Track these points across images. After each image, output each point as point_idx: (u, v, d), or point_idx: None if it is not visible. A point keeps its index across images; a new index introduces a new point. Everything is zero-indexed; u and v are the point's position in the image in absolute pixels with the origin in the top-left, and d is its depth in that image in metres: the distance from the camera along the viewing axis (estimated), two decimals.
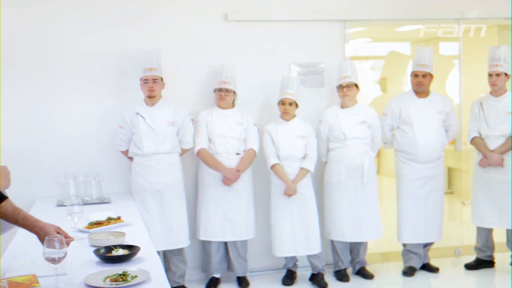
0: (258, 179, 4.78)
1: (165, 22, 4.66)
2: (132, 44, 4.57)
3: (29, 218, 2.30)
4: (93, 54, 4.54)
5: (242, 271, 4.66)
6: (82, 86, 4.53)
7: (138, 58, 4.42)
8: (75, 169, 4.41)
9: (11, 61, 4.37)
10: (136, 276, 2.26)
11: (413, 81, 4.80)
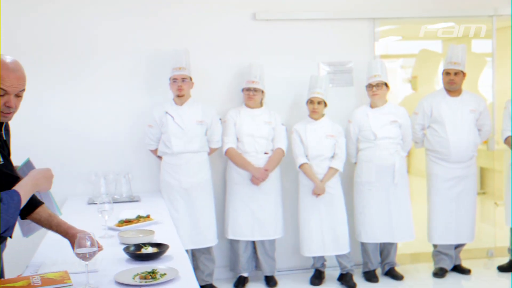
0: (286, 178, 4.77)
1: (194, 22, 4.68)
2: (162, 44, 4.61)
3: (62, 225, 2.36)
4: (124, 54, 4.59)
5: (270, 270, 4.65)
6: (113, 86, 4.59)
7: (167, 58, 4.46)
8: (106, 167, 4.48)
9: (44, 62, 4.45)
10: (165, 274, 2.28)
11: (445, 80, 4.72)
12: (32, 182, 2.06)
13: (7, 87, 2.17)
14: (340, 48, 4.94)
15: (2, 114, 2.26)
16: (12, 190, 1.90)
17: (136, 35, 4.61)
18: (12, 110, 2.25)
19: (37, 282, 2.10)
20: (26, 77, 2.26)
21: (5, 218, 1.78)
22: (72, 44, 4.51)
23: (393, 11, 5.02)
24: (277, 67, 4.80)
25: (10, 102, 2.20)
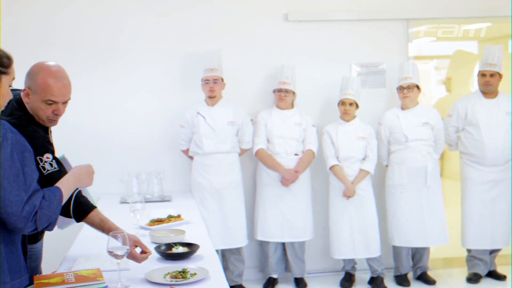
0: (316, 180, 4.75)
1: (226, 23, 4.70)
2: (194, 44, 4.64)
3: (114, 230, 2.39)
4: (157, 55, 4.64)
5: (299, 272, 4.64)
6: (146, 86, 4.65)
7: (200, 59, 4.49)
8: (138, 167, 4.53)
9: (78, 62, 4.53)
10: (195, 273, 2.29)
11: (480, 81, 4.62)
12: (74, 178, 2.11)
13: (56, 97, 2.27)
14: (372, 49, 4.89)
15: (49, 120, 2.34)
16: (54, 187, 1.95)
17: (169, 36, 4.65)
18: (58, 118, 2.35)
19: (70, 279, 2.14)
20: (71, 84, 2.35)
21: (48, 214, 1.83)
22: (106, 45, 4.59)
23: (428, 11, 4.94)
24: (309, 68, 4.78)
25: (59, 110, 2.31)
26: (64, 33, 4.53)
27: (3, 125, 1.80)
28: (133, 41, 4.61)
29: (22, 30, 4.45)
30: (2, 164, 1.74)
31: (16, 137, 1.81)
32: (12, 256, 1.84)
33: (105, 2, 4.59)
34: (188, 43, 4.66)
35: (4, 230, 1.82)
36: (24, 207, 1.76)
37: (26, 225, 1.78)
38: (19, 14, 4.46)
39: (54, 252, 3.35)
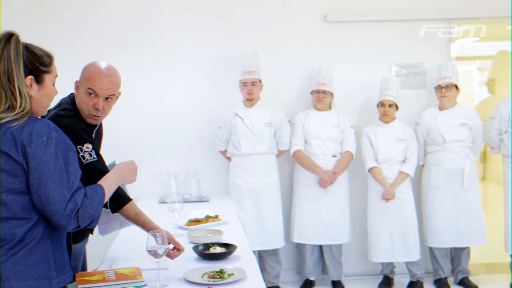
0: (354, 182, 4.71)
1: (264, 24, 4.71)
2: (232, 45, 4.66)
3: (148, 225, 2.43)
4: (196, 56, 4.68)
5: (336, 275, 4.60)
6: (184, 87, 4.69)
7: (238, 59, 4.51)
8: (177, 167, 4.58)
9: (115, 62, 4.59)
10: (232, 274, 2.30)
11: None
12: (117, 175, 2.14)
13: (97, 89, 2.32)
14: (413, 50, 4.81)
15: (91, 116, 2.39)
16: (97, 185, 1.98)
17: (207, 37, 4.68)
18: (100, 114, 2.39)
19: (111, 277, 2.18)
20: (119, 83, 2.40)
21: (89, 211, 1.87)
22: (145, 46, 4.65)
23: (471, 11, 4.83)
24: (347, 69, 4.75)
25: (99, 105, 2.35)
26: (102, 33, 4.61)
27: (47, 124, 1.84)
28: (172, 42, 4.66)
29: (63, 30, 4.55)
30: (46, 162, 1.79)
31: (60, 136, 1.85)
32: (57, 253, 1.89)
33: (144, 2, 4.66)
34: (226, 44, 4.68)
35: (50, 227, 1.87)
36: (67, 205, 1.80)
37: (69, 222, 1.82)
38: (61, 13, 4.57)
39: (94, 252, 3.43)
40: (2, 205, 1.78)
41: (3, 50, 1.81)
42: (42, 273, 1.82)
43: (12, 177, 1.79)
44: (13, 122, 1.79)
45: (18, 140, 1.78)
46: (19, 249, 1.80)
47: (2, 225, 1.79)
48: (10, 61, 1.81)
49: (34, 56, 1.88)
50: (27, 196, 1.81)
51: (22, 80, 1.83)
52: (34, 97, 1.88)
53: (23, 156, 1.78)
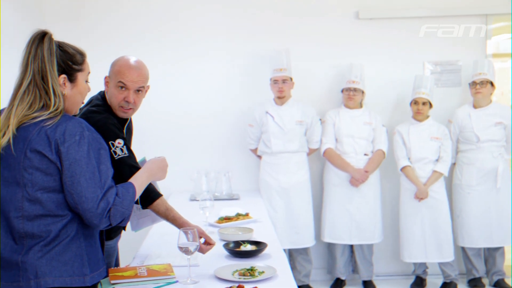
0: (386, 181, 4.65)
1: (295, 22, 4.69)
2: (263, 43, 4.65)
3: (178, 220, 2.45)
4: (227, 54, 4.69)
5: (367, 275, 4.55)
6: (215, 85, 4.71)
7: (268, 57, 4.50)
8: (208, 165, 4.60)
9: (147, 61, 4.64)
10: (263, 272, 2.29)
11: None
12: (147, 173, 2.15)
13: (127, 81, 2.35)
14: (447, 47, 4.72)
15: (122, 109, 2.42)
16: (128, 183, 2.00)
17: (238, 35, 4.69)
18: (131, 106, 2.41)
19: (143, 273, 2.21)
20: (148, 76, 2.44)
21: (121, 210, 1.88)
22: (176, 45, 4.67)
23: (507, 6, 4.70)
24: (379, 67, 4.69)
25: (129, 97, 2.37)
26: (133, 30, 4.65)
27: (80, 123, 1.86)
28: (203, 40, 4.68)
29: (94, 26, 4.61)
30: (79, 161, 1.80)
31: (92, 135, 1.87)
32: (91, 249, 1.91)
33: (177, 2, 4.68)
34: (258, 42, 4.68)
35: (84, 224, 1.89)
36: (99, 204, 1.82)
37: (101, 221, 1.84)
38: (93, 12, 4.64)
39: (127, 248, 3.47)
40: (37, 203, 1.81)
41: (36, 50, 1.83)
42: (76, 270, 1.84)
43: (46, 175, 1.81)
44: (47, 121, 1.81)
45: (52, 139, 1.80)
46: (54, 246, 1.82)
47: (37, 222, 1.81)
48: (44, 61, 1.83)
49: (67, 55, 1.90)
50: (61, 194, 1.83)
51: (56, 79, 1.85)
52: (67, 96, 1.91)
53: (57, 155, 1.80)
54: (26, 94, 1.83)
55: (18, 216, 1.82)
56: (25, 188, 1.81)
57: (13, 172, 1.82)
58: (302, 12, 4.69)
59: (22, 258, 1.80)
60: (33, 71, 1.83)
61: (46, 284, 1.80)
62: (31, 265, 1.79)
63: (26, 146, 1.80)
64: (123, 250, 3.31)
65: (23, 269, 1.80)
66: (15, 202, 1.82)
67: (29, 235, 1.81)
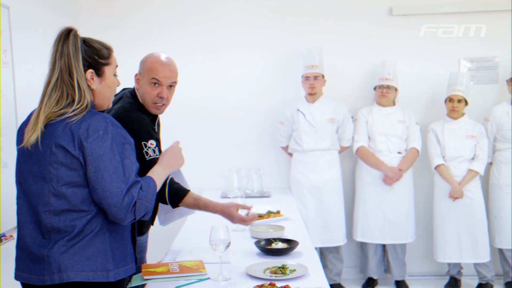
0: (420, 179, 4.58)
1: (327, 19, 4.65)
2: (295, 40, 4.63)
3: (209, 205, 2.52)
4: (258, 51, 4.69)
5: (400, 275, 4.49)
6: (246, 82, 4.71)
7: (300, 55, 4.48)
8: (239, 163, 4.61)
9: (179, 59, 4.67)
10: (294, 270, 2.28)
11: None
12: (163, 166, 2.14)
13: (160, 77, 2.39)
14: (484, 43, 4.60)
15: (155, 106, 2.44)
16: (148, 177, 1.99)
17: (269, 32, 4.67)
18: (164, 102, 2.44)
19: (175, 269, 2.22)
20: (178, 71, 2.47)
21: (145, 204, 1.88)
22: (207, 42, 4.68)
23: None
24: (412, 64, 4.62)
25: (163, 93, 2.40)
26: (166, 27, 4.67)
27: (105, 118, 1.86)
28: (234, 38, 4.68)
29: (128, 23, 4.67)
30: (103, 156, 1.81)
31: (116, 130, 1.86)
32: (117, 245, 1.91)
33: None
34: (290, 39, 4.65)
35: (109, 219, 1.89)
36: (124, 198, 1.82)
37: (126, 215, 1.84)
38: (126, 6, 4.69)
39: (159, 245, 3.50)
40: (62, 198, 1.83)
41: (63, 47, 1.85)
42: (99, 265, 1.84)
43: (70, 170, 1.83)
44: (72, 117, 1.82)
45: (75, 135, 1.80)
46: (78, 241, 1.83)
47: (63, 217, 1.83)
48: (69, 57, 1.84)
49: (93, 49, 1.91)
50: (86, 189, 1.84)
51: (81, 74, 1.86)
52: (96, 90, 1.92)
53: (80, 151, 1.81)
54: (54, 91, 1.85)
55: (46, 210, 1.84)
56: (51, 183, 1.83)
57: (40, 168, 1.85)
58: (335, 9, 4.65)
59: (48, 252, 1.82)
60: (60, 68, 1.84)
61: (69, 278, 1.81)
62: (55, 259, 1.81)
63: (52, 142, 1.82)
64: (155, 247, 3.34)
65: (48, 263, 1.82)
66: (42, 196, 1.84)
67: (55, 230, 1.84)
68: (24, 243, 1.89)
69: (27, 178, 1.89)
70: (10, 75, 2.95)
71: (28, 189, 1.88)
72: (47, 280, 1.82)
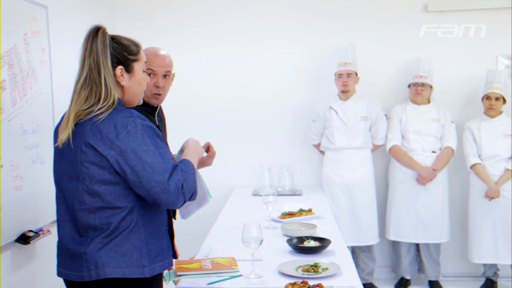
0: (454, 179, 4.50)
1: (361, 16, 4.60)
2: (329, 38, 4.59)
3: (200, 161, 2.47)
4: (290, 49, 4.67)
5: (434, 275, 4.42)
6: (278, 80, 4.70)
7: (333, 53, 4.45)
8: (270, 160, 4.61)
9: (211, 56, 4.70)
10: (327, 268, 2.27)
11: None
12: (192, 149, 2.14)
13: (154, 67, 2.44)
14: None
15: (154, 96, 2.49)
16: (183, 159, 2.00)
17: (303, 28, 4.64)
18: (161, 92, 2.48)
19: (207, 266, 2.24)
20: (173, 63, 2.52)
21: (190, 184, 1.89)
22: (240, 39, 4.68)
23: None
24: (448, 61, 4.54)
25: (159, 82, 2.46)
26: (198, 24, 4.69)
27: (130, 113, 1.87)
28: (268, 32, 4.66)
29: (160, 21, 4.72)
30: (137, 150, 1.81)
31: (144, 122, 1.87)
32: (152, 240, 1.92)
33: None
34: (323, 36, 4.62)
35: (144, 216, 1.91)
36: (169, 183, 1.82)
37: (178, 199, 1.84)
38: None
39: (191, 241, 3.53)
40: (96, 196, 1.85)
41: (91, 45, 1.87)
42: (135, 261, 1.86)
43: (101, 168, 1.84)
44: (99, 115, 1.83)
45: (104, 134, 1.81)
46: (113, 237, 1.86)
47: (98, 215, 1.86)
48: (98, 54, 1.86)
49: (122, 46, 1.93)
50: (118, 186, 1.86)
51: (109, 71, 1.88)
52: (126, 87, 1.95)
53: (111, 150, 1.81)
54: (83, 89, 1.86)
55: (81, 209, 1.87)
56: (84, 182, 1.85)
57: (73, 167, 1.87)
58: (369, 5, 4.60)
59: (85, 250, 1.85)
60: (89, 66, 1.86)
61: (105, 275, 1.83)
62: (91, 256, 1.84)
63: (81, 141, 1.84)
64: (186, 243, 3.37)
65: (85, 259, 1.85)
66: (77, 195, 1.87)
67: (92, 227, 1.86)
68: (63, 241, 1.94)
69: (62, 177, 1.92)
70: (47, 73, 3.02)
71: (65, 188, 1.92)
72: (85, 277, 1.85)
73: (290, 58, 4.68)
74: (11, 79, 2.61)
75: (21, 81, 2.71)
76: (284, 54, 4.68)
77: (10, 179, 2.58)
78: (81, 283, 1.89)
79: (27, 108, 2.75)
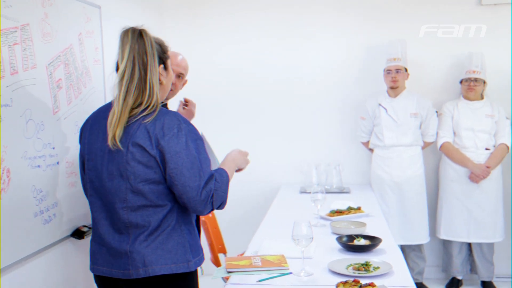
0: (509, 176, 4.35)
1: (411, 12, 4.49)
2: (378, 34, 4.51)
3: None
4: (339, 44, 4.61)
5: (487, 276, 4.30)
6: (327, 77, 4.65)
7: (382, 49, 4.38)
8: (318, 158, 4.58)
9: (263, 54, 4.70)
10: (378, 267, 2.25)
11: None
12: (231, 159, 2.15)
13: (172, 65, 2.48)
14: None
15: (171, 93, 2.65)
16: (220, 169, 2.03)
17: (352, 24, 4.58)
18: (173, 88, 2.63)
19: (257, 263, 2.25)
20: (188, 68, 2.77)
21: (221, 194, 1.93)
22: (291, 29, 4.64)
23: None
24: (503, 56, 4.38)
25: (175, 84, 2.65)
26: (245, 17, 4.67)
27: (176, 116, 1.91)
28: (317, 27, 4.62)
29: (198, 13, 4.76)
30: (180, 153, 1.86)
31: (188, 127, 1.92)
32: (191, 236, 1.99)
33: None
34: (372, 32, 4.55)
35: (183, 213, 1.97)
36: (202, 191, 1.88)
37: (206, 207, 1.90)
38: None
39: (239, 238, 3.55)
40: (139, 194, 1.90)
41: (139, 46, 1.89)
42: (180, 257, 1.92)
43: (147, 168, 1.88)
44: (146, 117, 1.87)
45: (152, 134, 1.86)
46: (157, 235, 1.91)
47: (140, 213, 1.90)
48: (146, 55, 1.89)
49: (160, 45, 2.00)
50: (161, 185, 1.90)
51: (156, 72, 1.91)
52: (163, 84, 2.02)
53: (157, 149, 1.86)
54: (134, 88, 1.88)
55: (123, 207, 1.91)
56: (128, 180, 1.89)
57: (117, 166, 1.91)
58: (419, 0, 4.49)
59: (130, 248, 1.90)
60: (138, 66, 1.88)
61: (154, 272, 1.88)
62: (138, 254, 1.89)
63: (129, 141, 1.87)
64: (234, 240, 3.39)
65: (131, 258, 1.90)
66: (119, 193, 1.91)
67: (133, 225, 1.91)
68: (102, 239, 1.98)
69: (100, 176, 1.95)
70: (100, 72, 3.09)
71: (102, 187, 1.96)
72: (132, 274, 1.90)
73: (339, 55, 4.63)
74: (67, 78, 2.69)
75: (75, 80, 2.79)
76: (334, 50, 4.63)
77: (66, 175, 2.65)
78: (126, 280, 1.93)
79: (81, 106, 2.83)
